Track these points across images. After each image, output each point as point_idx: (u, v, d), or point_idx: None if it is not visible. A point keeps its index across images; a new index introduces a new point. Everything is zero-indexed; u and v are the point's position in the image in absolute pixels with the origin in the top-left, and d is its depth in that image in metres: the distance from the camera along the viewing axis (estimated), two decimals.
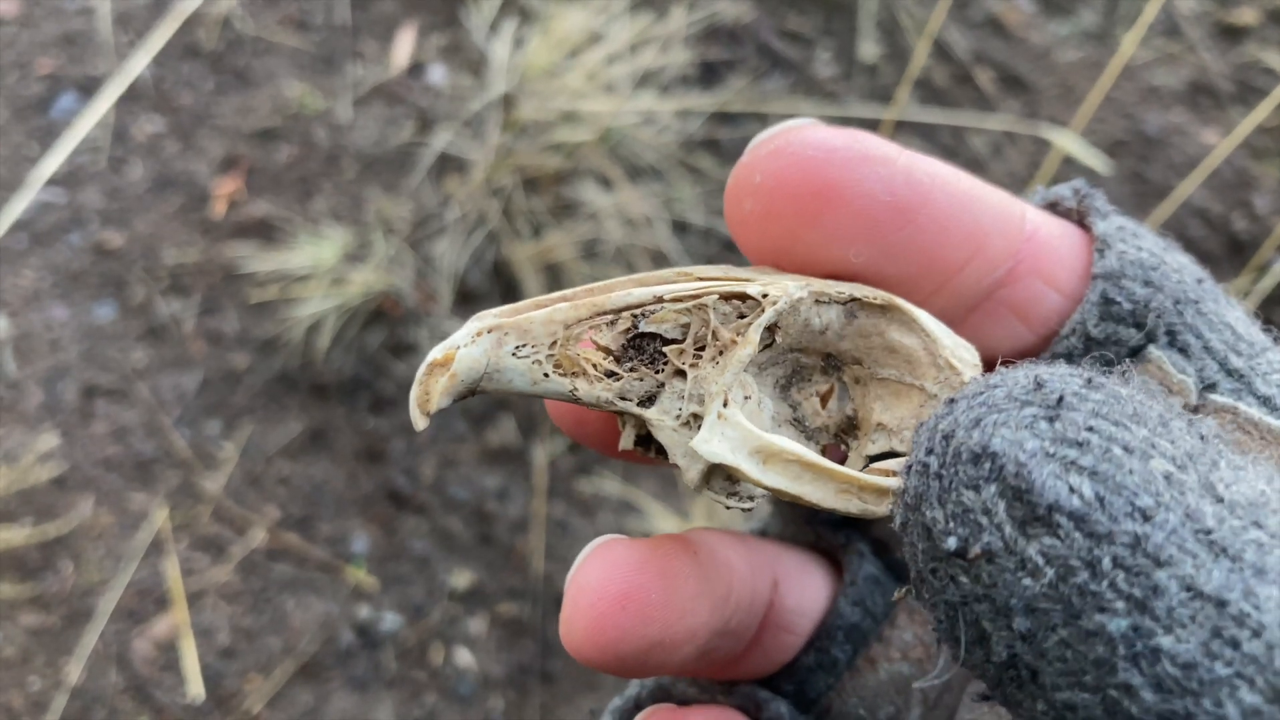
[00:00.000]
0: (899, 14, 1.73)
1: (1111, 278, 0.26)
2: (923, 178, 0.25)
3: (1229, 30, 1.76)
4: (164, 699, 1.22)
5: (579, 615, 0.25)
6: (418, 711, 1.24)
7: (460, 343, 0.25)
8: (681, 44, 1.63)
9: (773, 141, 0.25)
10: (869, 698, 0.30)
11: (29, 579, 1.27)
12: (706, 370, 0.25)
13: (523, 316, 0.25)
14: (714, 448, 0.24)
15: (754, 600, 0.29)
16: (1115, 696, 0.18)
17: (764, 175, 0.25)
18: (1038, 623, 0.19)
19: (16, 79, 1.59)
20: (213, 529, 1.32)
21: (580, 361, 0.25)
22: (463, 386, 0.25)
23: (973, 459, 0.20)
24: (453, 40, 1.67)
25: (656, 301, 0.25)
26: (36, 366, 1.39)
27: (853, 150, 0.24)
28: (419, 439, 1.38)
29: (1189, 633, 0.17)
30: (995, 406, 0.20)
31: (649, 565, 0.26)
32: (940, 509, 0.20)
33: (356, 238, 1.47)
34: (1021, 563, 0.19)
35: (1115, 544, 0.18)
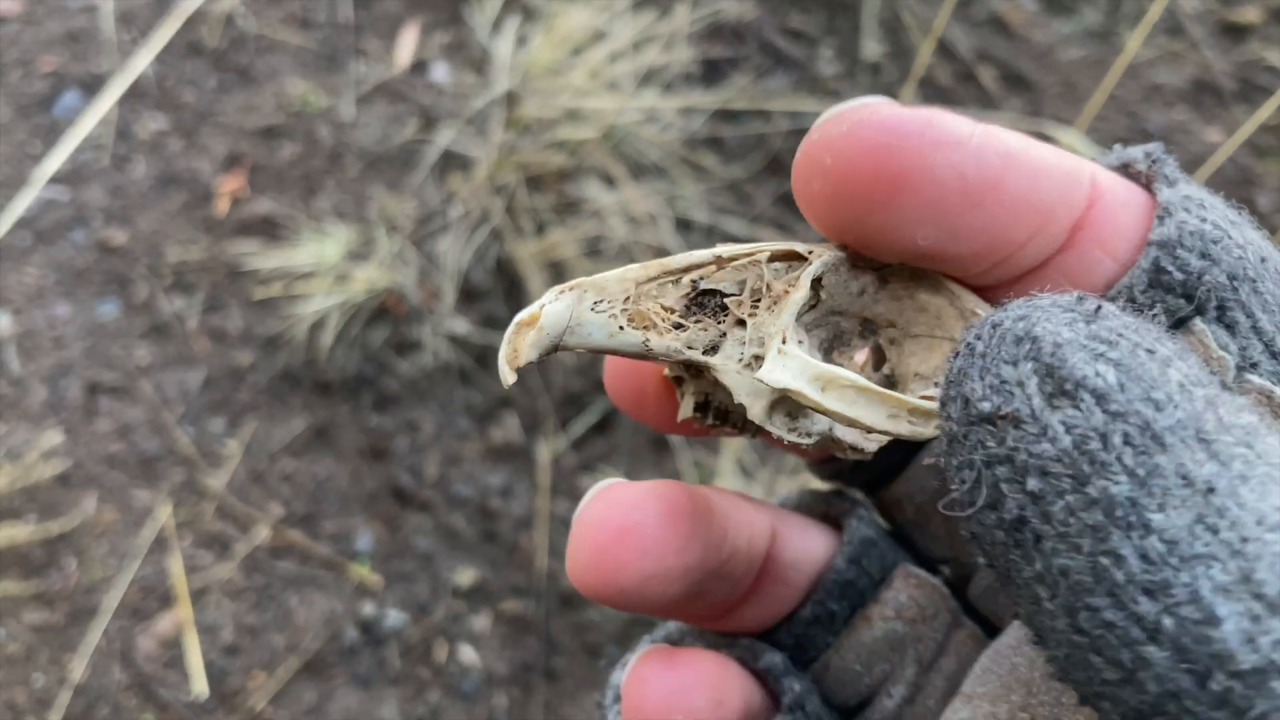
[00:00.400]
0: (902, 12, 1.73)
1: (1166, 246, 0.26)
2: (994, 159, 0.25)
3: (1232, 28, 1.76)
4: (168, 696, 1.22)
5: (581, 548, 0.28)
6: (422, 709, 1.24)
7: (546, 302, 0.27)
8: (684, 42, 1.63)
9: (844, 121, 0.25)
10: (864, 654, 0.32)
11: (33, 576, 1.27)
12: (764, 317, 0.28)
13: (599, 276, 0.28)
14: (778, 375, 0.26)
15: (750, 549, 0.31)
16: (1105, 564, 0.20)
17: (834, 158, 0.25)
18: (1049, 485, 0.21)
19: (19, 77, 1.59)
20: (217, 526, 1.32)
21: (651, 315, 0.28)
22: (549, 340, 0.27)
23: (1015, 340, 0.22)
24: (456, 38, 1.67)
25: (716, 260, 0.28)
26: (40, 364, 1.39)
27: (926, 136, 0.24)
28: (422, 436, 1.38)
29: (1177, 514, 0.19)
30: (1041, 307, 0.23)
31: (646, 504, 0.28)
32: (979, 381, 0.22)
33: (360, 235, 1.47)
34: (1044, 429, 0.21)
35: (1128, 423, 0.20)
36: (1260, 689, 0.18)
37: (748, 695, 0.31)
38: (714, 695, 0.30)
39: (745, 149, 1.61)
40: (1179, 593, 0.19)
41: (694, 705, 0.29)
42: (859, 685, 0.33)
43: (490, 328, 1.44)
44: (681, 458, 1.40)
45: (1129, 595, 0.20)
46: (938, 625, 0.32)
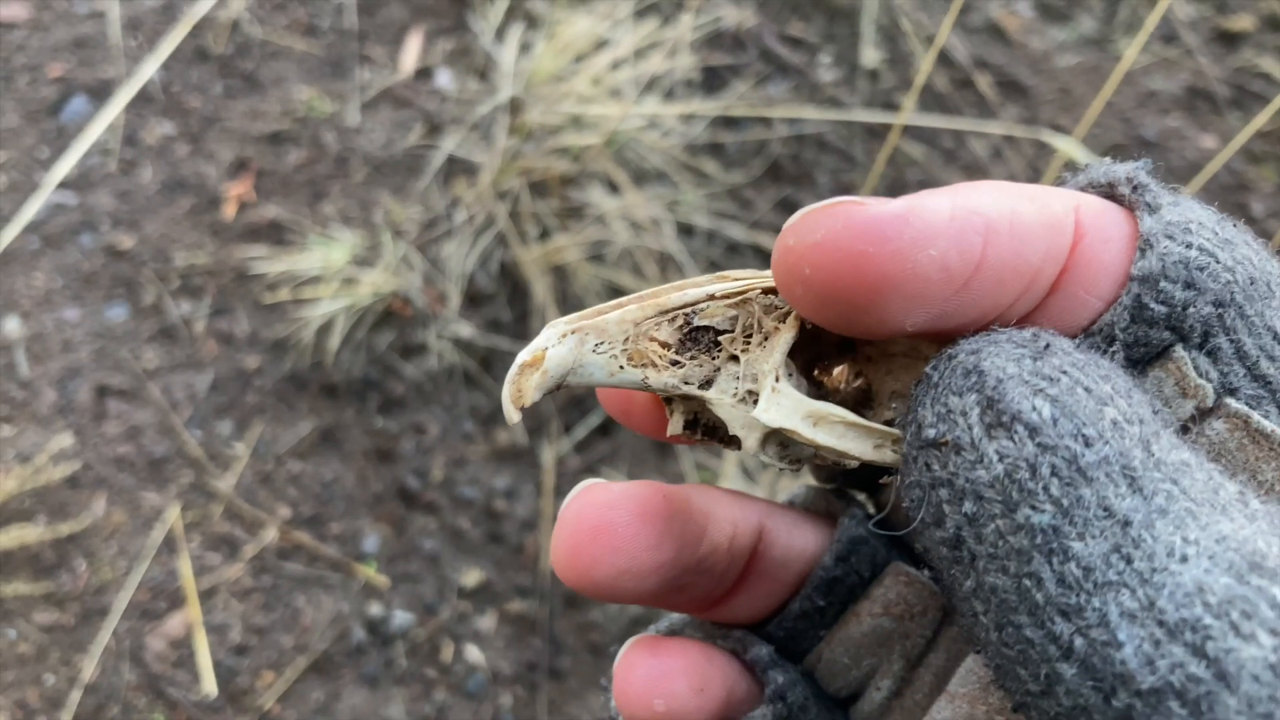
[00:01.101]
0: (900, 20, 1.75)
1: (1148, 281, 0.26)
2: (974, 239, 0.24)
3: (1226, 36, 1.78)
4: (177, 695, 1.23)
5: (561, 544, 0.29)
6: (428, 708, 1.26)
7: (548, 344, 0.29)
8: (686, 49, 1.65)
9: (818, 228, 0.24)
10: (852, 649, 0.33)
11: (43, 577, 1.29)
12: (756, 353, 0.29)
13: (600, 319, 0.29)
14: (773, 415, 0.28)
15: (733, 545, 0.32)
16: (1028, 585, 0.22)
17: (813, 269, 0.25)
18: (982, 509, 0.22)
19: (27, 83, 1.60)
20: (225, 528, 1.33)
21: (649, 354, 0.29)
22: (553, 381, 0.29)
23: (964, 373, 0.24)
24: (460, 45, 1.68)
25: (709, 299, 0.29)
26: (49, 367, 1.40)
27: (904, 237, 0.24)
28: (428, 439, 1.40)
29: (1095, 543, 0.21)
30: (994, 342, 0.24)
31: (620, 505, 0.30)
32: (930, 409, 0.24)
33: (365, 240, 1.49)
34: (980, 457, 0.23)
35: (1056, 455, 0.22)
36: (1158, 708, 0.20)
37: (731, 684, 0.32)
38: (695, 682, 0.31)
39: (746, 155, 1.62)
40: (1090, 616, 0.21)
41: (675, 690, 0.31)
42: (848, 678, 0.34)
43: (495, 332, 1.46)
44: (684, 460, 1.42)
45: (1047, 615, 0.21)
46: (927, 622, 0.33)
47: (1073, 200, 0.26)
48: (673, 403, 0.32)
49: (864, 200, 0.24)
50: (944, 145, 1.67)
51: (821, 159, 1.64)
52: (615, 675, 0.32)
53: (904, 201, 0.24)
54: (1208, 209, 0.28)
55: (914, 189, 1.41)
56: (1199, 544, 0.21)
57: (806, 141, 1.65)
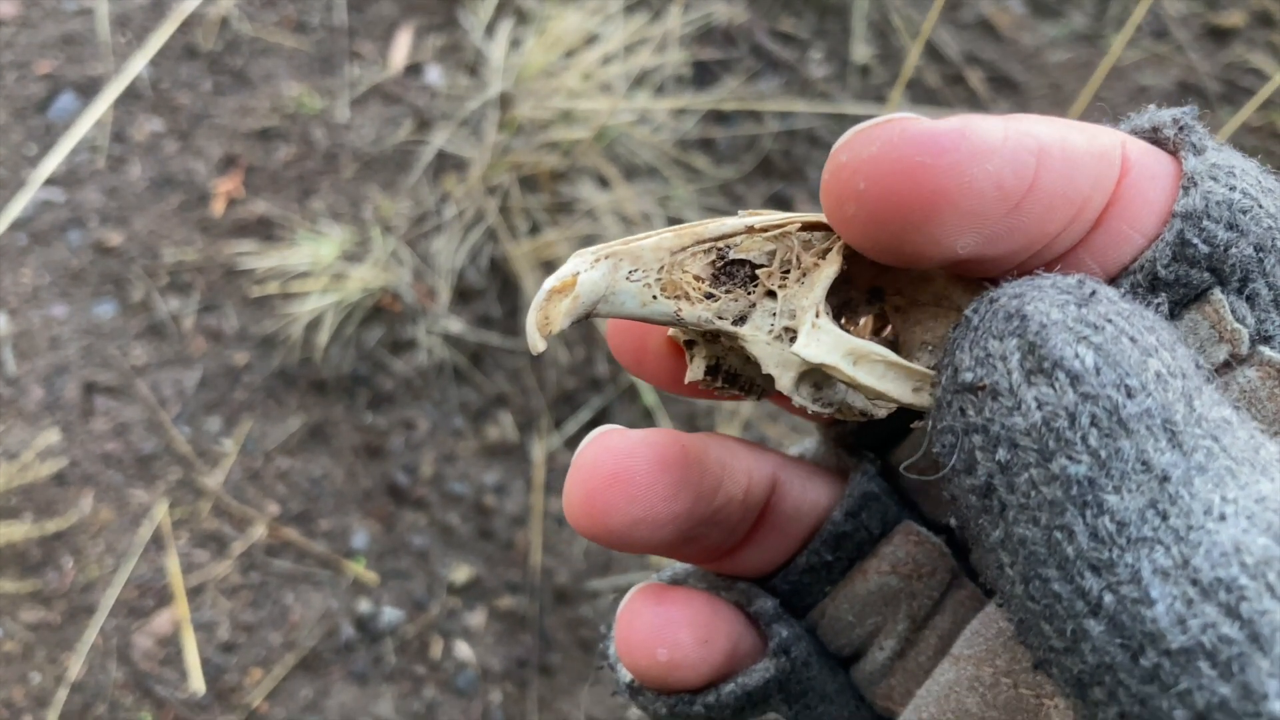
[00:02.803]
0: (891, 15, 1.75)
1: (1191, 218, 0.25)
2: (1028, 159, 0.24)
3: (1216, 31, 1.79)
4: (165, 693, 1.23)
5: (575, 490, 0.29)
6: (417, 705, 1.25)
7: (580, 269, 0.27)
8: (676, 44, 1.65)
9: (873, 140, 0.24)
10: (857, 605, 0.33)
11: (30, 575, 1.28)
12: (794, 289, 0.28)
13: (634, 244, 0.28)
14: (813, 351, 0.27)
15: (747, 497, 0.31)
16: (1058, 537, 0.21)
17: (868, 182, 0.24)
18: (1016, 457, 0.22)
19: (15, 79, 1.59)
20: (213, 524, 1.33)
21: (684, 285, 0.28)
22: (584, 308, 0.27)
23: (1006, 317, 0.23)
24: (450, 41, 1.68)
25: (748, 231, 0.28)
26: (37, 364, 1.40)
27: (961, 149, 0.23)
28: (417, 434, 1.39)
29: (1131, 497, 0.21)
30: (1038, 286, 0.24)
31: (637, 452, 0.29)
32: (968, 352, 0.23)
33: (355, 236, 1.48)
34: (1018, 403, 0.22)
35: (1097, 405, 0.21)
36: (1187, 668, 0.19)
37: (735, 636, 0.32)
38: (699, 634, 0.31)
39: (736, 150, 1.62)
40: (1121, 572, 0.20)
41: (679, 640, 0.31)
42: (851, 635, 0.33)
43: (485, 327, 1.45)
44: None
45: (1076, 569, 0.21)
46: (934, 583, 0.32)
47: (1120, 135, 0.26)
48: (694, 346, 0.30)
49: (916, 116, 0.24)
50: None
51: (812, 154, 1.64)
52: (618, 622, 0.31)
53: (959, 119, 0.24)
54: (1251, 162, 0.27)
55: None
56: (1237, 503, 0.20)
57: (797, 137, 1.64)
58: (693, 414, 1.44)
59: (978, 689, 0.28)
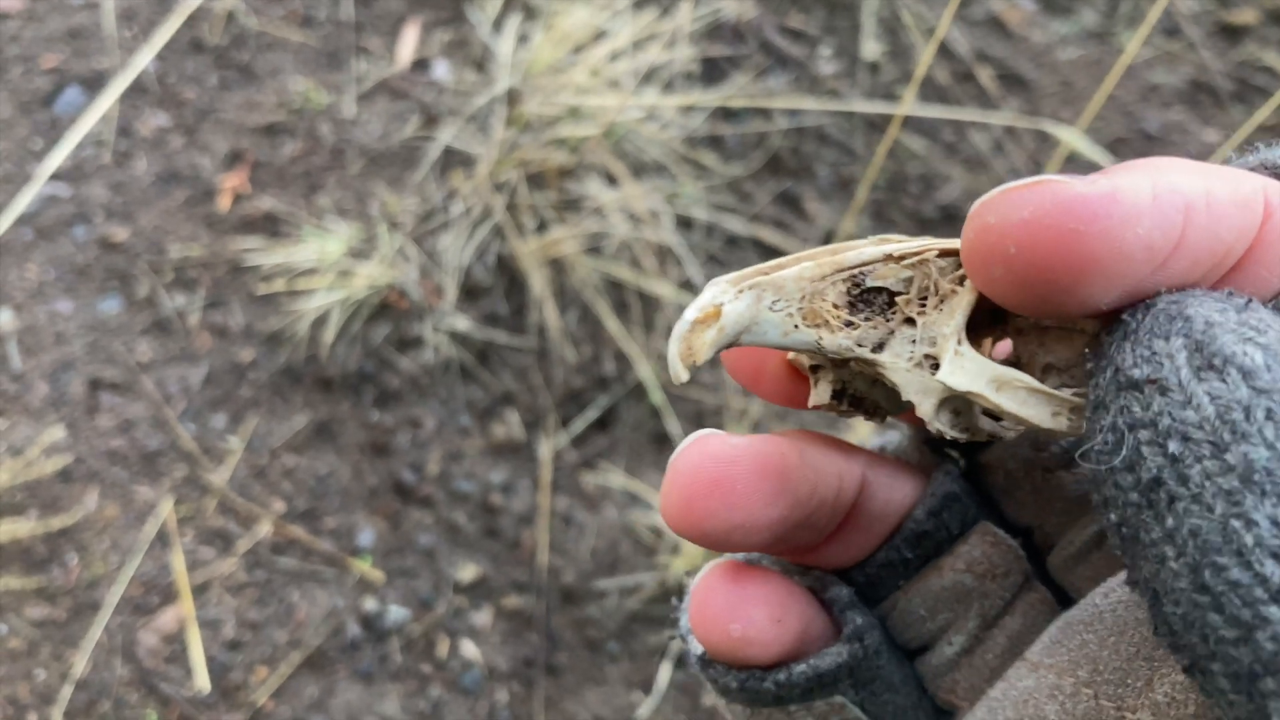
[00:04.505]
0: (901, 12, 1.74)
1: None
2: (1175, 217, 0.24)
3: (1229, 29, 1.77)
4: (170, 691, 1.22)
5: (674, 494, 0.29)
6: (423, 704, 1.25)
7: (722, 299, 0.28)
8: (685, 41, 1.64)
9: (1024, 206, 0.24)
10: (930, 601, 0.33)
11: (35, 571, 1.27)
12: (933, 316, 0.28)
13: (777, 275, 0.28)
14: (958, 379, 0.28)
15: (837, 500, 0.32)
16: (1236, 526, 0.21)
17: (1019, 247, 0.24)
18: (1188, 450, 0.22)
19: (21, 73, 1.59)
20: (218, 522, 1.32)
21: (824, 314, 0.28)
22: (728, 338, 0.28)
23: (1169, 318, 0.24)
24: (457, 36, 1.67)
25: (886, 259, 0.29)
26: (42, 360, 1.39)
27: (1113, 216, 0.24)
28: (424, 432, 1.39)
29: None
30: (1194, 295, 0.24)
31: (740, 460, 0.29)
32: (1131, 351, 0.24)
33: (361, 232, 1.48)
34: (1188, 398, 0.22)
35: (1272, 400, 0.22)
36: None
37: (808, 620, 0.32)
38: (773, 613, 0.31)
39: (745, 147, 1.61)
40: None
41: (753, 617, 0.31)
42: (921, 629, 0.34)
43: (492, 325, 1.45)
44: None
45: (1256, 557, 0.21)
46: (1008, 584, 0.33)
47: (1262, 182, 0.27)
48: (819, 370, 0.31)
49: (1066, 178, 0.24)
50: (945, 138, 1.66)
51: (821, 151, 1.63)
52: (693, 597, 0.32)
53: (1108, 180, 0.24)
54: None
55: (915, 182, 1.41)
56: None
57: (806, 134, 1.63)
58: (700, 413, 1.44)
59: (1057, 698, 0.29)
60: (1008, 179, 1.61)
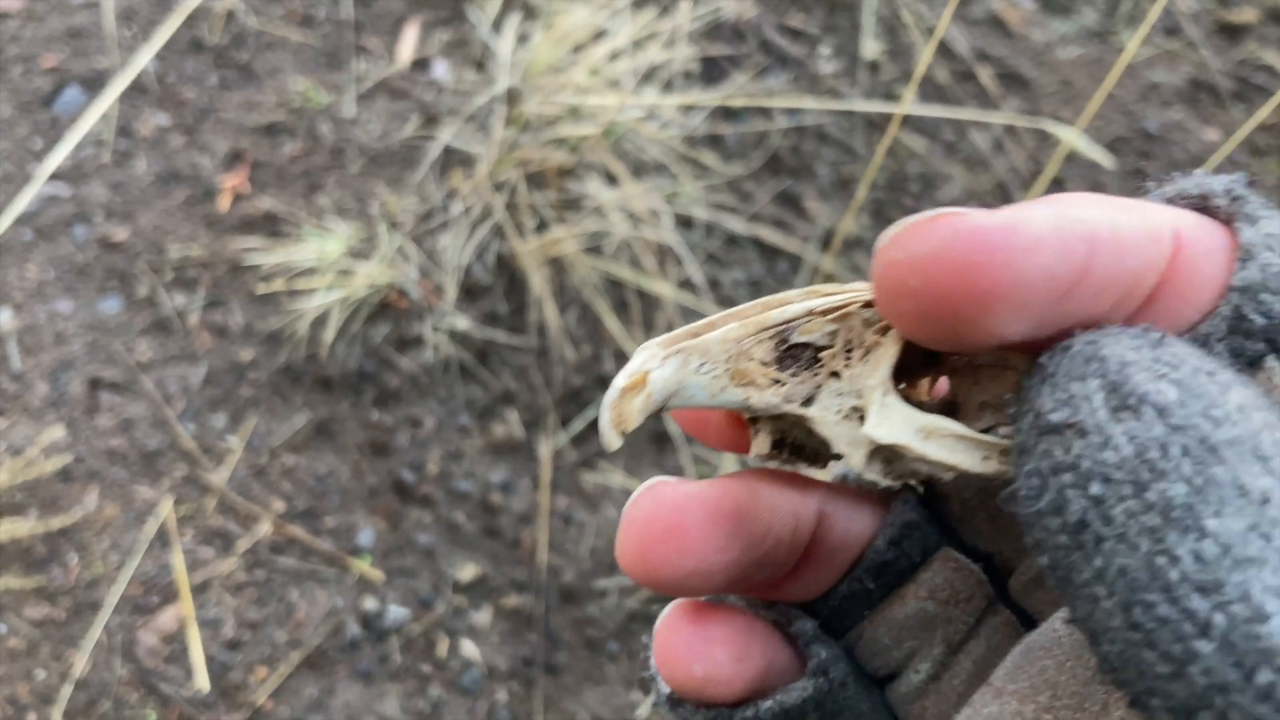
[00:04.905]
0: (901, 11, 1.74)
1: (1249, 291, 0.26)
2: (1079, 247, 0.25)
3: (1229, 28, 1.77)
4: (169, 691, 1.22)
5: (628, 543, 0.29)
6: (423, 703, 1.25)
7: (649, 366, 0.28)
8: (684, 40, 1.64)
9: (924, 239, 0.25)
10: (894, 630, 0.33)
11: (34, 571, 1.27)
12: (859, 368, 0.29)
13: (703, 339, 0.28)
14: (884, 431, 0.28)
15: (794, 537, 0.32)
16: (1161, 563, 0.21)
17: (921, 280, 0.25)
18: (1110, 491, 0.22)
19: (20, 73, 1.59)
20: (218, 521, 1.32)
21: (752, 373, 0.29)
22: (656, 404, 0.28)
23: (1084, 360, 0.24)
24: (457, 36, 1.67)
25: (809, 314, 0.29)
26: (41, 359, 1.39)
27: (1013, 245, 0.24)
28: (423, 432, 1.39)
29: (1233, 520, 0.21)
30: (1109, 333, 0.24)
31: (692, 507, 0.29)
32: (1050, 394, 0.24)
33: (361, 232, 1.48)
34: (1106, 440, 0.22)
35: (1187, 435, 0.22)
36: None
37: (771, 655, 0.32)
38: (735, 652, 0.32)
39: (745, 147, 1.61)
40: (1231, 592, 0.20)
41: (715, 657, 0.31)
42: (887, 658, 0.34)
43: (491, 324, 1.45)
44: (683, 453, 1.41)
45: (1182, 592, 0.21)
46: (971, 609, 0.33)
47: (1171, 214, 0.27)
48: (758, 422, 0.31)
49: (965, 210, 0.25)
50: (945, 137, 1.65)
51: (821, 151, 1.63)
52: (656, 638, 0.32)
53: (1009, 212, 0.25)
54: None
55: (915, 181, 1.40)
56: None
57: (806, 133, 1.63)
58: None
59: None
60: (1008, 178, 1.62)
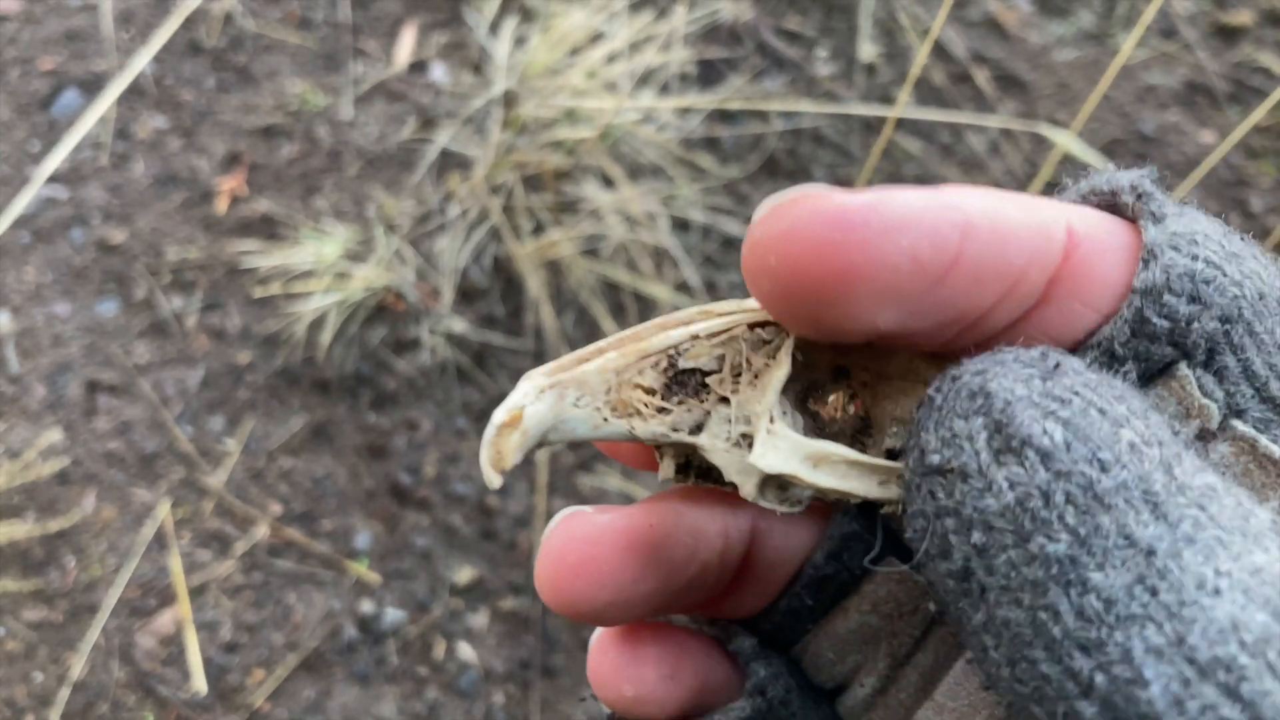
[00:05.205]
0: (898, 14, 1.74)
1: (1151, 293, 0.24)
2: (950, 233, 0.23)
3: (1225, 31, 1.77)
4: (167, 693, 1.23)
5: (544, 575, 0.29)
6: (419, 706, 1.25)
7: (524, 402, 0.27)
8: (681, 43, 1.64)
9: (784, 218, 0.23)
10: (838, 644, 0.33)
11: (32, 574, 1.28)
12: (747, 394, 0.27)
13: (579, 370, 0.27)
14: (770, 460, 0.26)
15: (724, 558, 0.31)
16: (1043, 618, 0.20)
17: (778, 258, 0.23)
18: (992, 539, 0.21)
19: (19, 76, 1.59)
20: (215, 524, 1.33)
21: (634, 403, 0.28)
22: (533, 441, 0.27)
23: (970, 395, 0.22)
24: (454, 38, 1.67)
25: (693, 339, 0.28)
26: (39, 362, 1.39)
27: (872, 225, 0.23)
28: (420, 435, 1.39)
29: (1117, 573, 0.20)
30: (1001, 362, 0.23)
31: (603, 539, 0.29)
32: (934, 433, 0.23)
33: (358, 234, 1.48)
34: (989, 485, 0.21)
35: (1071, 482, 0.21)
36: None
37: (705, 672, 0.32)
38: (664, 670, 0.31)
39: (742, 149, 1.61)
40: (1112, 651, 0.19)
41: (644, 677, 0.31)
42: (832, 671, 0.33)
43: (488, 327, 1.45)
44: None
45: (1065, 650, 0.20)
46: (915, 621, 0.32)
47: (1065, 209, 0.25)
48: (662, 448, 0.30)
49: (832, 190, 0.24)
50: (941, 140, 1.66)
51: (818, 153, 1.63)
52: (589, 658, 0.32)
53: (874, 191, 0.23)
54: (1214, 221, 0.26)
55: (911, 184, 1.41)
56: (1231, 575, 0.19)
57: (803, 136, 1.64)
58: None
59: None
60: (1004, 181, 1.62)
